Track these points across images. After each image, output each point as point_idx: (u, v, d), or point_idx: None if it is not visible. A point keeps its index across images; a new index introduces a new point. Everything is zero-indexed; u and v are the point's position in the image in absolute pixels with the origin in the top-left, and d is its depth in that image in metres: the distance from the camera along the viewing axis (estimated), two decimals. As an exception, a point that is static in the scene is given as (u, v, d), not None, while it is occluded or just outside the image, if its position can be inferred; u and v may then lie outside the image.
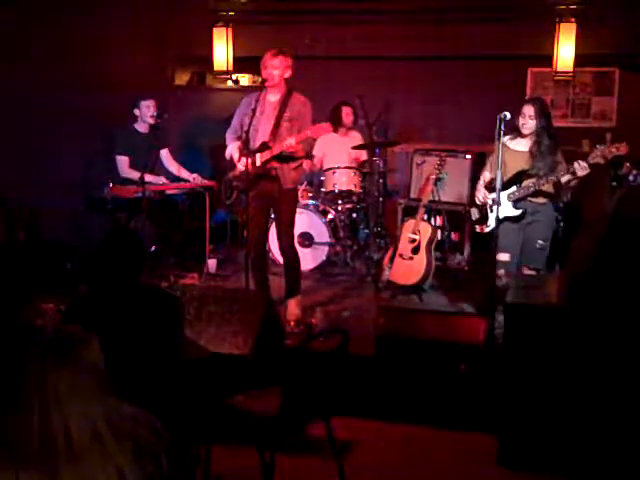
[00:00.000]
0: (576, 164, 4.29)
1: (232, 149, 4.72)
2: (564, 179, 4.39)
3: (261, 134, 4.61)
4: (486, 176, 4.75)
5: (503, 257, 4.59)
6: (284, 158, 4.58)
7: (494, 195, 4.45)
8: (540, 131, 4.46)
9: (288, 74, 4.60)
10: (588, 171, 4.27)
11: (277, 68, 4.53)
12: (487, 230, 4.74)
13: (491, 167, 4.69)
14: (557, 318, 3.11)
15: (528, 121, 4.45)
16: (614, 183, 5.58)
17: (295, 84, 4.72)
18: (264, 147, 4.56)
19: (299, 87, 4.75)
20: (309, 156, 5.51)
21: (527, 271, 4.53)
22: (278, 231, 4.87)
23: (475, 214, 4.80)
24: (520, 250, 4.54)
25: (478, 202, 4.74)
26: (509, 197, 4.53)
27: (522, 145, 4.53)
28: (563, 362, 2.96)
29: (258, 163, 4.58)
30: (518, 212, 4.52)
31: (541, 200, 4.53)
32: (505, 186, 4.51)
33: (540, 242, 4.49)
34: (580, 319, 2.03)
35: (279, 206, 4.75)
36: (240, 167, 4.63)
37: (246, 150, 4.52)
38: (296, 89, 4.69)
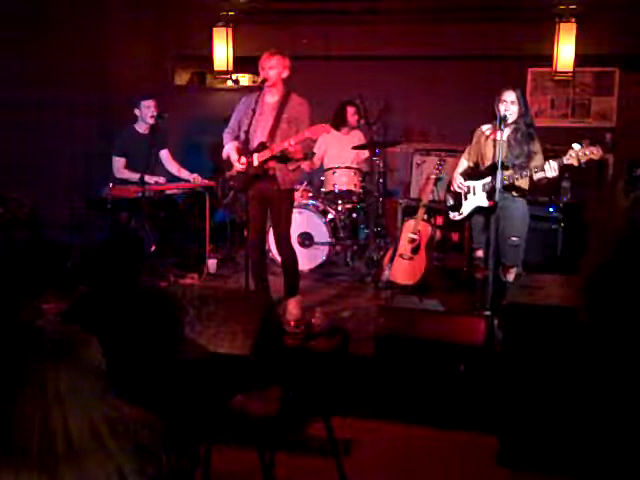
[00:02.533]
0: (547, 164, 4.21)
1: (229, 149, 4.72)
2: (536, 177, 4.29)
3: (259, 135, 4.61)
4: (463, 163, 4.75)
5: (479, 253, 4.63)
6: (282, 159, 4.57)
7: (469, 183, 4.56)
8: (519, 118, 4.42)
9: (286, 74, 4.59)
10: (557, 173, 4.19)
11: (274, 68, 4.53)
12: (458, 218, 4.75)
13: (469, 155, 4.71)
14: (557, 318, 3.12)
15: (510, 107, 4.37)
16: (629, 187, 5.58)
17: (294, 84, 4.72)
18: (262, 148, 4.56)
19: (299, 87, 4.74)
20: (307, 157, 5.50)
21: (509, 270, 4.51)
22: (275, 231, 4.86)
23: (450, 201, 4.77)
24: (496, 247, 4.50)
25: (453, 190, 4.73)
26: (484, 187, 4.51)
27: (502, 134, 4.40)
28: (563, 362, 2.96)
29: (256, 163, 4.58)
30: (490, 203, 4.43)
31: (515, 194, 4.47)
32: (481, 175, 4.52)
33: (513, 239, 4.44)
34: (600, 326, 2.01)
35: (276, 207, 4.74)
36: (237, 167, 4.64)
37: (244, 150, 4.52)
38: (295, 89, 4.69)
